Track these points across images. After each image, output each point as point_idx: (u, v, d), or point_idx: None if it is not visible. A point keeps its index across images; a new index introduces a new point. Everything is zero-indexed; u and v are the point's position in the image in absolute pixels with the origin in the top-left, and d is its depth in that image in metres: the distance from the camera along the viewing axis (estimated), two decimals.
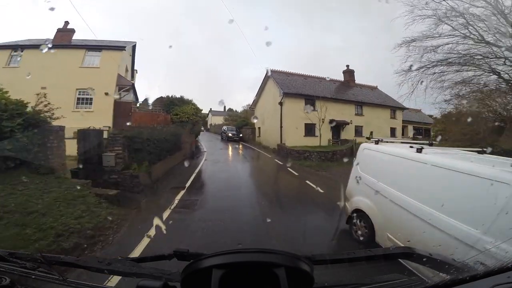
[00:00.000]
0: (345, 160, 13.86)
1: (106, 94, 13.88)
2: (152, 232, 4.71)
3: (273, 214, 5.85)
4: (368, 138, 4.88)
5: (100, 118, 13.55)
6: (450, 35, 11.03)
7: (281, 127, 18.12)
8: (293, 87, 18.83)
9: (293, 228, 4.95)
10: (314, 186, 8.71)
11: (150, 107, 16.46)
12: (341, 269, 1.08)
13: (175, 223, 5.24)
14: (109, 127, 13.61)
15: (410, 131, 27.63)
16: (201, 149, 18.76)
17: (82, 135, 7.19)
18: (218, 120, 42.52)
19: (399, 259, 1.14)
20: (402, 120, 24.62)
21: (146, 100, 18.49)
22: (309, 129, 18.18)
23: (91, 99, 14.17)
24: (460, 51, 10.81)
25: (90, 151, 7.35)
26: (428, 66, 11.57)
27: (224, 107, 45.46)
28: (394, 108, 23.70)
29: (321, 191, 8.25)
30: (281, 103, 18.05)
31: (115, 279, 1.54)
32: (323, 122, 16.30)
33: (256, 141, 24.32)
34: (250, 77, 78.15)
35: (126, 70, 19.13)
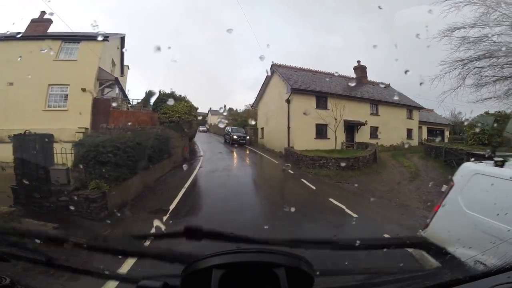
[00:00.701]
0: (365, 167, 11.80)
1: (83, 90, 11.75)
2: None
3: None
4: (488, 157, 2.66)
5: (76, 118, 11.48)
6: (501, 23, 9.03)
7: (288, 128, 15.89)
8: (302, 83, 16.61)
9: None
10: (343, 207, 6.54)
11: (151, 107, 14.49)
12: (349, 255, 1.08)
13: None
14: (86, 128, 11.52)
15: (424, 132, 25.69)
16: (197, 153, 16.55)
17: (18, 142, 5.04)
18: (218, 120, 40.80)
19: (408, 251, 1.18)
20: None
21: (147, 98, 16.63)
22: (320, 131, 15.93)
23: (66, 96, 12.02)
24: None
25: (31, 163, 5.20)
26: (475, 57, 9.49)
27: (224, 106, 43.81)
28: (410, 107, 21.65)
29: (354, 215, 6.09)
30: (288, 101, 15.82)
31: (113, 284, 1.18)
32: (338, 122, 14.11)
33: (258, 143, 22.08)
34: (250, 77, 76.10)
35: (113, 65, 17.03)
